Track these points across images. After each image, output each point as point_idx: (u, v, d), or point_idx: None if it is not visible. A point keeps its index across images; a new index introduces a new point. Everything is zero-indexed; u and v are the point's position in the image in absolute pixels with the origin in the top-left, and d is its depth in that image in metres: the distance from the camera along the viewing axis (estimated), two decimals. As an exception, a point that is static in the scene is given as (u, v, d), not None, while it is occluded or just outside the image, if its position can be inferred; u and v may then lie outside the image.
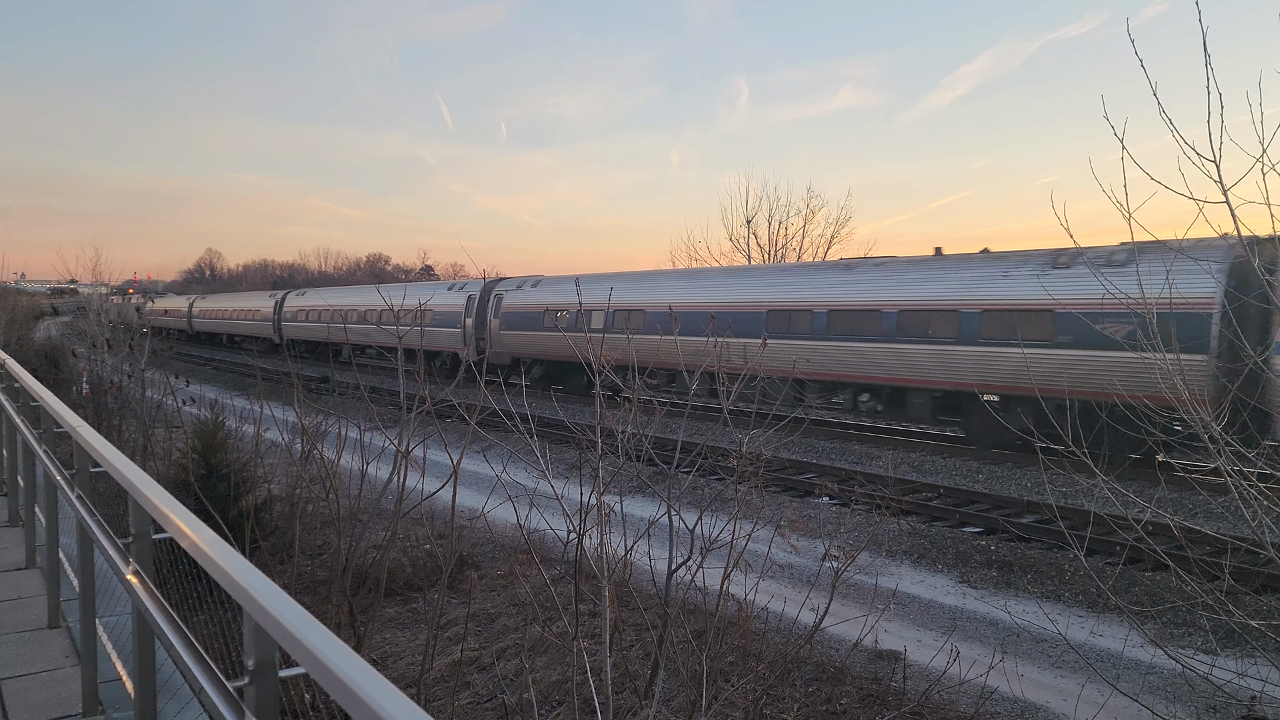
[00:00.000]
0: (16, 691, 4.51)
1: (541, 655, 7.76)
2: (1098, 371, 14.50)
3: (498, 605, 9.16)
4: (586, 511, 5.99)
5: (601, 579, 5.66)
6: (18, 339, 29.06)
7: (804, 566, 10.07)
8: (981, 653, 7.61)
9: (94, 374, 17.24)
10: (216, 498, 8.79)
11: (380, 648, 8.25)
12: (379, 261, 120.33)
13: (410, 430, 7.43)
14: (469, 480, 9.42)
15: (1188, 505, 11.88)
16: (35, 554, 6.60)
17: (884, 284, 19.35)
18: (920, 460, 16.82)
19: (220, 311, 57.89)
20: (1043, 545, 11.26)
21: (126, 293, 46.92)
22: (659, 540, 6.56)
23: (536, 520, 6.77)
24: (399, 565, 9.67)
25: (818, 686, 7.23)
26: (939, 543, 11.47)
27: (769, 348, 16.14)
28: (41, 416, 6.12)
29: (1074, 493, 12.86)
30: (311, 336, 42.68)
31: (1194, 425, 5.18)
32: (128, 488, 3.44)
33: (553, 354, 27.98)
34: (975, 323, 17.15)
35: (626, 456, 6.28)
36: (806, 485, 14.65)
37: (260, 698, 2.20)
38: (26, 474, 6.94)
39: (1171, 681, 7.19)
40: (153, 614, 3.01)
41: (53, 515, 5.47)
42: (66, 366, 22.86)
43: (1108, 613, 8.91)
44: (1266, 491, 4.94)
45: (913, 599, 9.47)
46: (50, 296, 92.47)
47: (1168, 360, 5.32)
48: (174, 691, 3.62)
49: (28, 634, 5.30)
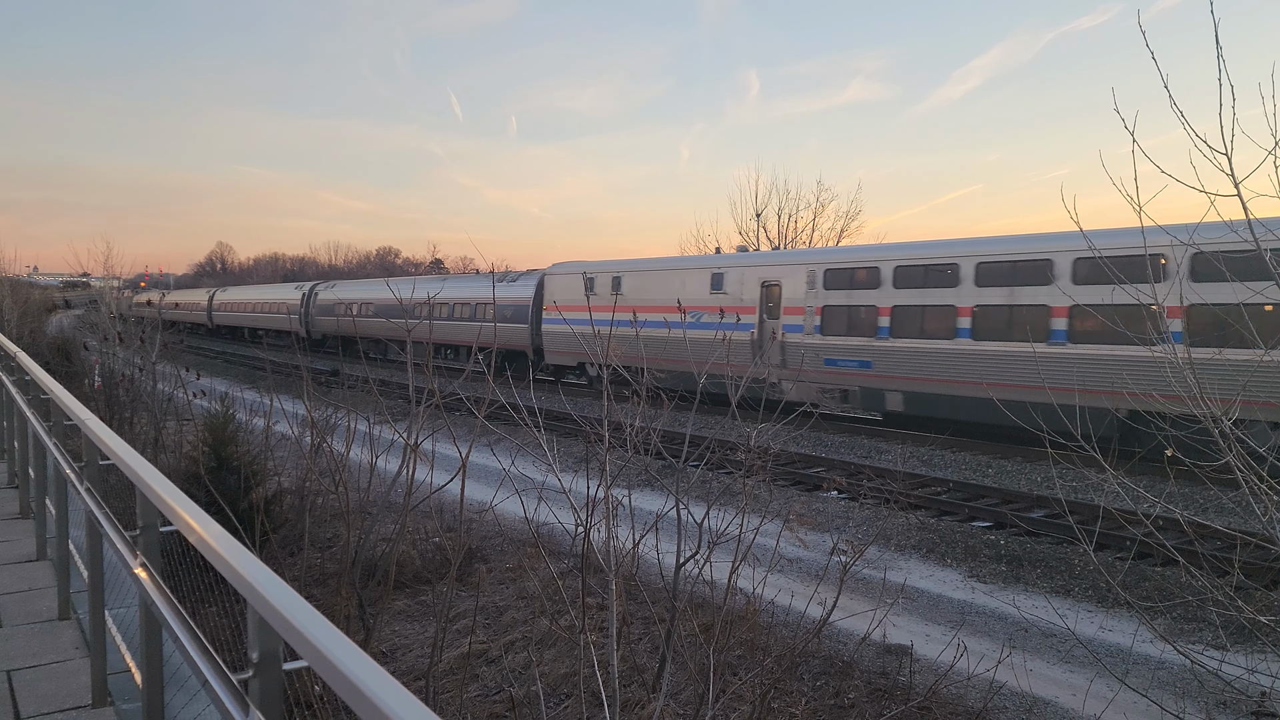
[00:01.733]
0: (27, 682, 4.54)
1: (549, 648, 7.78)
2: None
3: (506, 598, 9.18)
4: (594, 505, 5.99)
5: (609, 572, 5.66)
6: (30, 332, 29.21)
7: (812, 560, 10.06)
8: (990, 647, 7.59)
9: (106, 367, 17.33)
10: (227, 490, 8.82)
11: (389, 640, 8.28)
12: (388, 255, 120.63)
13: (419, 424, 7.44)
14: (477, 474, 9.43)
15: (1198, 500, 11.83)
16: (46, 546, 6.64)
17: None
18: (929, 454, 16.77)
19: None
20: (1052, 540, 11.22)
21: (138, 285, 47.13)
22: (667, 534, 6.56)
23: (544, 514, 6.77)
24: (408, 558, 9.70)
25: (825, 680, 7.23)
26: (948, 537, 11.45)
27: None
28: (52, 410, 6.15)
29: (1084, 487, 12.81)
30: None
31: (1204, 421, 5.14)
32: (136, 481, 3.45)
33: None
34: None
35: (634, 450, 6.27)
36: (815, 479, 14.62)
37: (265, 690, 2.21)
38: (37, 467, 6.97)
39: (1181, 677, 7.17)
40: (160, 607, 3.02)
41: (63, 508, 5.50)
42: (78, 359, 22.98)
43: (1117, 608, 8.88)
44: (1277, 487, 4.90)
45: (921, 593, 9.45)
46: (62, 290, 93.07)
47: (1178, 356, 5.28)
48: (181, 683, 3.64)
49: (38, 625, 5.33)
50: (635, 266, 25.71)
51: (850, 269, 20.12)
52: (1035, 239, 17.15)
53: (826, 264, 20.69)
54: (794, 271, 21.24)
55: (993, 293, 17.26)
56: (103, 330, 19.14)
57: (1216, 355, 7.37)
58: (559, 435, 14.73)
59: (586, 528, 5.97)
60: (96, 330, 21.38)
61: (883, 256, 19.57)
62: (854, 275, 19.93)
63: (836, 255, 22.23)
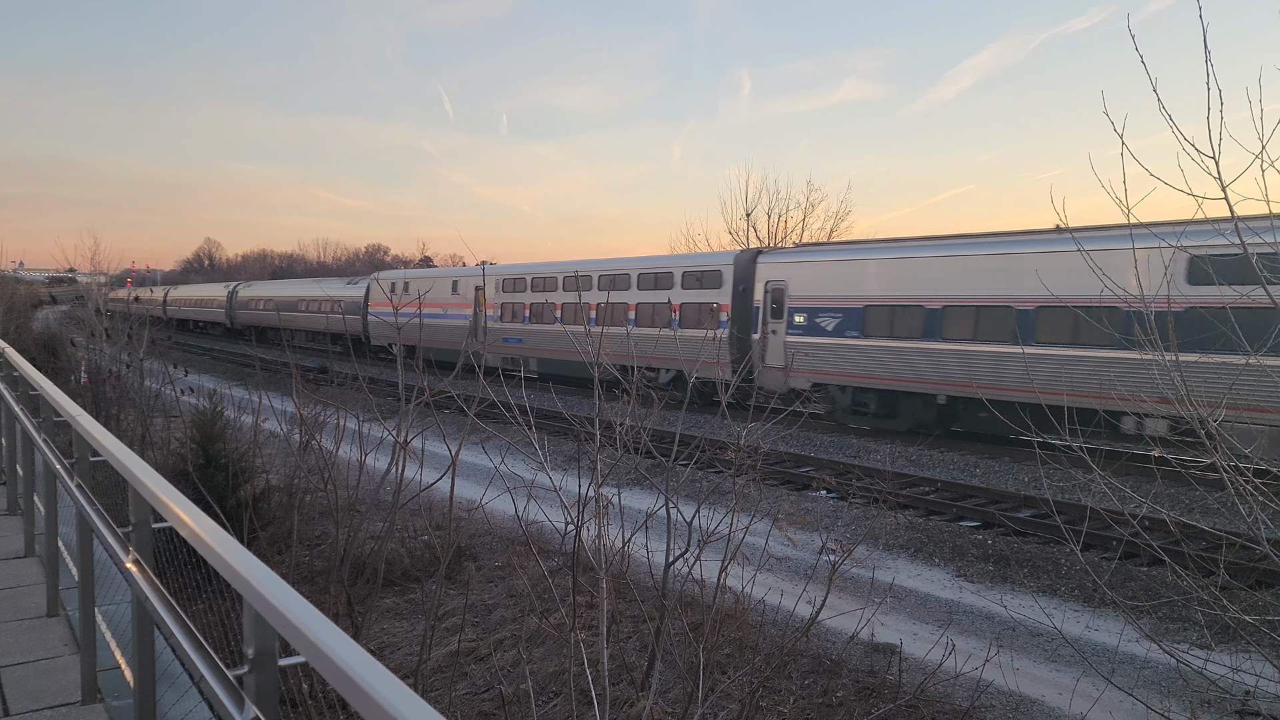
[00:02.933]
0: (16, 679, 4.52)
1: (539, 646, 7.78)
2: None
3: (495, 596, 9.18)
4: (585, 503, 6.00)
5: (599, 571, 5.67)
6: (16, 328, 29.01)
7: (801, 559, 10.10)
8: (977, 646, 7.64)
9: (92, 363, 17.24)
10: (214, 487, 8.80)
11: (378, 638, 8.27)
12: (378, 252, 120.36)
13: (409, 421, 7.44)
14: (467, 472, 9.43)
15: (1184, 501, 11.91)
16: (34, 542, 6.61)
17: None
18: (918, 454, 16.84)
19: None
20: (1039, 540, 11.29)
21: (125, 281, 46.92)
22: (657, 532, 6.57)
23: (535, 512, 6.78)
24: (397, 556, 9.69)
25: (814, 679, 7.26)
26: (936, 536, 11.50)
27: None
28: (41, 405, 6.12)
29: (1071, 488, 12.89)
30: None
31: (1191, 422, 5.19)
32: (128, 477, 3.45)
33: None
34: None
35: (625, 449, 6.29)
36: (804, 478, 14.66)
37: (260, 686, 2.22)
38: (25, 463, 6.94)
39: (1166, 676, 7.23)
40: (153, 602, 3.02)
41: (52, 504, 5.48)
42: (65, 355, 22.84)
43: (1103, 607, 8.94)
44: (1262, 487, 4.95)
45: (909, 592, 9.50)
46: (48, 285, 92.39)
47: (1164, 357, 5.32)
48: (173, 680, 3.64)
49: (27, 622, 5.31)
50: (417, 274, 36.94)
51: (513, 279, 30.28)
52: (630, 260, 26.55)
53: (502, 275, 30.95)
54: (489, 280, 31.50)
55: (596, 294, 25.53)
56: (89, 326, 19.03)
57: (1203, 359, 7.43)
58: (549, 434, 14.74)
59: (578, 526, 5.98)
60: (83, 326, 21.24)
61: (527, 271, 29.83)
62: (516, 283, 30.07)
63: (509, 270, 31.62)
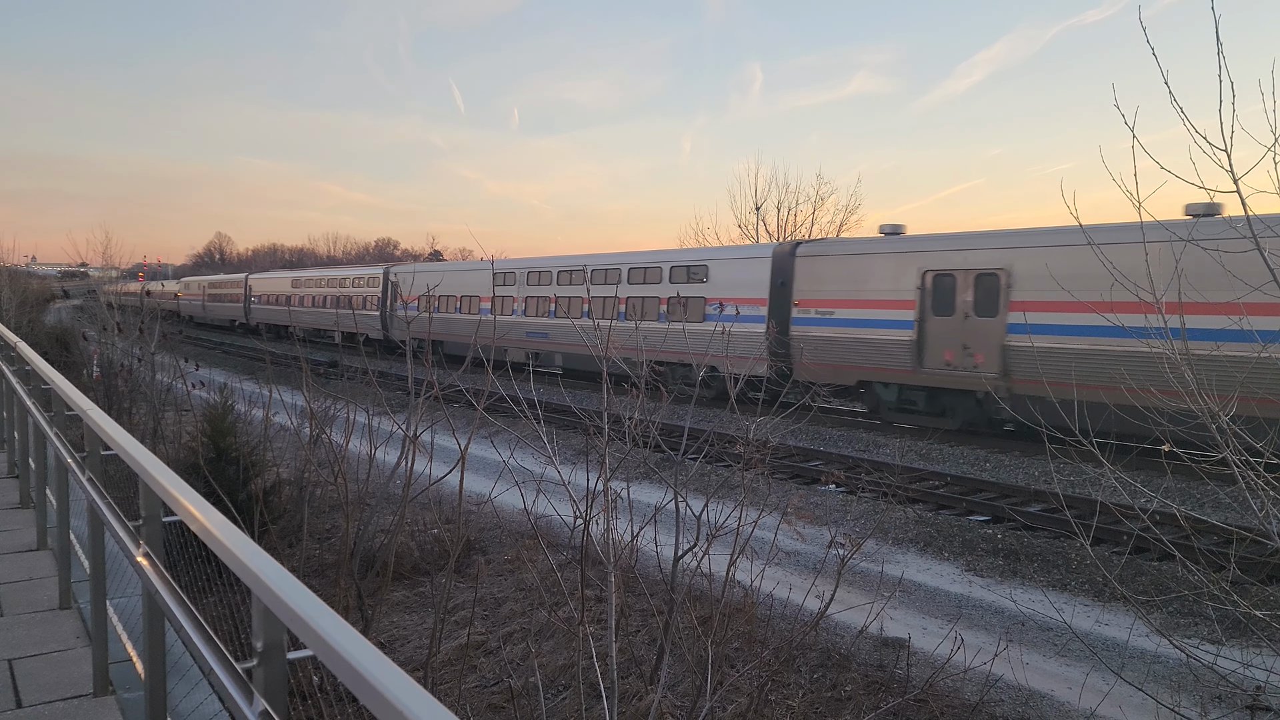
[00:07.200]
0: (28, 671, 4.56)
1: (548, 640, 7.80)
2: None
3: (504, 590, 9.20)
4: (593, 497, 6.00)
5: (608, 565, 5.68)
6: (29, 322, 29.19)
7: (810, 554, 10.09)
8: (987, 641, 7.62)
9: (104, 357, 17.32)
10: (225, 481, 8.83)
11: (388, 631, 8.30)
12: (387, 246, 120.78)
13: (418, 415, 7.45)
14: (476, 465, 9.45)
15: (1195, 495, 11.86)
16: (46, 536, 6.66)
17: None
18: (927, 448, 16.80)
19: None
20: (1049, 534, 11.25)
21: (136, 276, 47.24)
22: (665, 526, 6.58)
23: (543, 506, 6.79)
24: (406, 549, 9.72)
25: (823, 673, 7.26)
26: (945, 531, 11.48)
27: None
28: (53, 400, 6.16)
29: (1081, 482, 12.85)
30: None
31: (1201, 416, 5.16)
32: (139, 471, 3.46)
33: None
34: None
35: (634, 443, 6.29)
36: (813, 472, 14.65)
37: (269, 679, 2.23)
38: (37, 456, 6.98)
39: (1177, 671, 7.20)
40: (163, 596, 3.04)
41: (63, 497, 5.52)
42: (77, 350, 22.96)
43: (1113, 602, 8.91)
44: (1274, 482, 4.92)
45: (918, 587, 9.49)
46: (61, 280, 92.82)
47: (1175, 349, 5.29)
48: (183, 672, 3.66)
49: (39, 614, 5.35)
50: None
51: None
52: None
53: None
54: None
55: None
56: (101, 320, 19.12)
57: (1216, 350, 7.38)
58: (558, 428, 14.74)
59: (586, 520, 5.98)
60: (95, 320, 21.35)
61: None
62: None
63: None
